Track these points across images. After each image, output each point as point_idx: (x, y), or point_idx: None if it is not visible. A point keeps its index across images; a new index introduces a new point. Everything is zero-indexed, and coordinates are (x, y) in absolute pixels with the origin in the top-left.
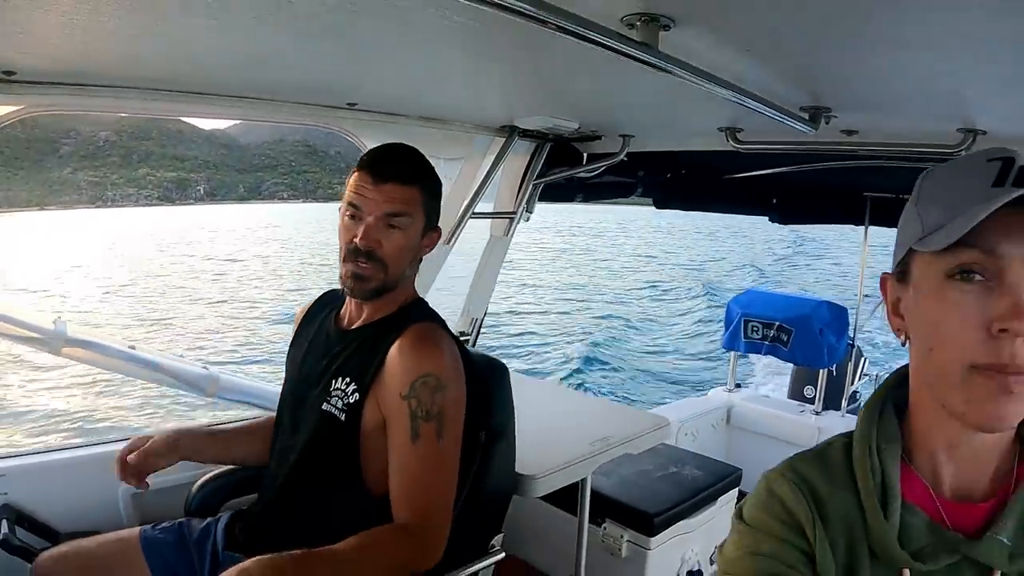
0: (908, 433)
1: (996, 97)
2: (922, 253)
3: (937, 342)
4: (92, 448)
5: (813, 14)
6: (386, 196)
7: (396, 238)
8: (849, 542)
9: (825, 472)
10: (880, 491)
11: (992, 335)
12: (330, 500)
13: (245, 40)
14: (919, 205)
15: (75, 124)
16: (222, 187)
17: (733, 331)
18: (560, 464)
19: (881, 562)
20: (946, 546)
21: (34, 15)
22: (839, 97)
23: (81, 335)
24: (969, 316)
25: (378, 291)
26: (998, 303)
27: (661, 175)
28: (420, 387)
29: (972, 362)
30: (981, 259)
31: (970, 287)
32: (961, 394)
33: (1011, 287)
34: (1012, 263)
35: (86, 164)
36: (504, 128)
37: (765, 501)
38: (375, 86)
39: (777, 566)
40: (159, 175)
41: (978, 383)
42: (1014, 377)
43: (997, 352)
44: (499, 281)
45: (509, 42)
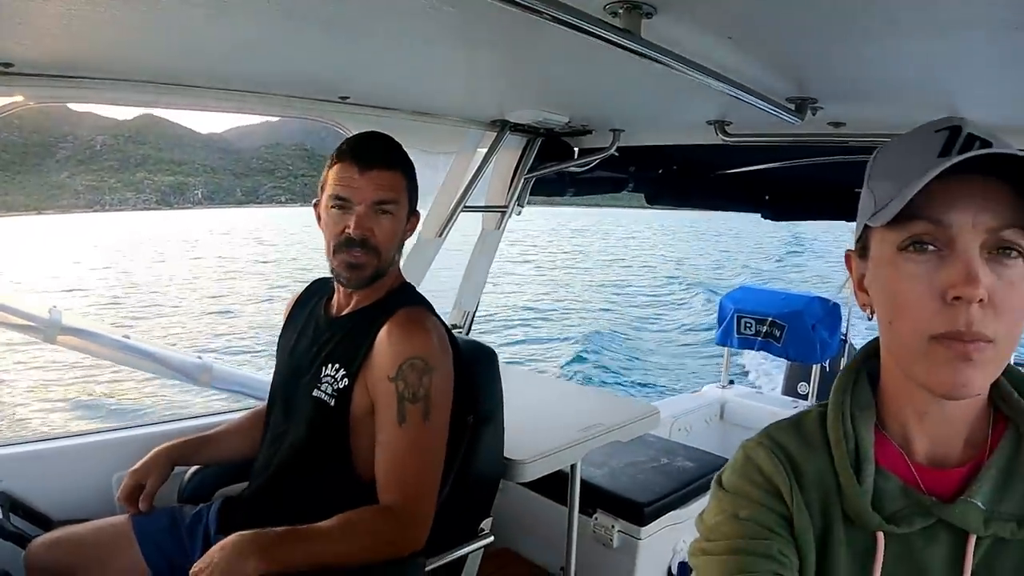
0: (881, 402)
1: (981, 84)
2: (877, 228)
3: (896, 314)
4: (85, 437)
5: (795, 2)
6: (374, 183)
7: (386, 224)
8: (825, 507)
9: (801, 439)
10: (854, 457)
11: (947, 303)
12: (320, 485)
13: (239, 31)
14: (871, 181)
15: (72, 128)
16: (220, 191)
17: (726, 327)
18: (549, 449)
19: (856, 526)
20: (920, 509)
21: (33, 6)
22: (824, 87)
23: (76, 324)
24: (923, 286)
25: (373, 278)
26: (950, 271)
27: (652, 171)
28: (407, 369)
29: (931, 332)
30: (931, 229)
31: (922, 258)
32: (923, 364)
33: (962, 254)
34: (961, 231)
35: (83, 168)
36: (495, 122)
37: (743, 468)
38: (367, 79)
39: (756, 529)
40: (157, 179)
41: (938, 352)
42: (972, 344)
43: (953, 320)
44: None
45: (497, 32)
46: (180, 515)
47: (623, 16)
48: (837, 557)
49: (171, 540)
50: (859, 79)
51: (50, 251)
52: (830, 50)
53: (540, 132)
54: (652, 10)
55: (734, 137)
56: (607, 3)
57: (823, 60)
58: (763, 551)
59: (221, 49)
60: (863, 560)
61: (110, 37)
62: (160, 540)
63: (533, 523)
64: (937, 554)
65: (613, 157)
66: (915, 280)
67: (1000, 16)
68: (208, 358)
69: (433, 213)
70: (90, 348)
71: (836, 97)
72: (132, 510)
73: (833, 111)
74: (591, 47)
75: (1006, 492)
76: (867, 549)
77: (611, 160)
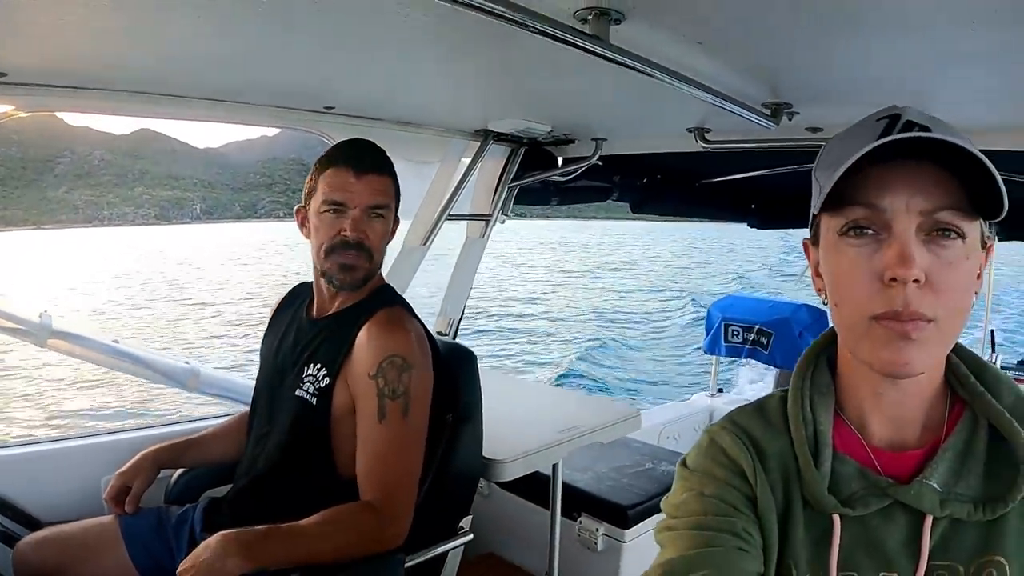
0: (839, 386)
1: (951, 83)
2: (822, 215)
3: (840, 297)
4: (74, 440)
5: (762, 6)
6: (370, 188)
7: (378, 227)
8: (786, 488)
9: (764, 422)
10: (812, 442)
11: (885, 284)
12: (303, 484)
13: (225, 42)
14: (817, 171)
15: (70, 143)
16: (218, 206)
17: (714, 335)
18: (529, 449)
19: (814, 510)
20: (876, 491)
21: (27, 15)
22: (798, 92)
23: (66, 328)
24: (862, 269)
25: (365, 280)
26: (886, 253)
27: (637, 179)
28: (387, 367)
29: (870, 313)
30: (868, 214)
31: (860, 241)
32: (866, 343)
33: (898, 237)
34: (897, 215)
35: (81, 183)
36: (479, 132)
37: (707, 450)
38: (352, 89)
39: (721, 506)
40: (155, 194)
41: (878, 332)
42: (911, 324)
43: (891, 300)
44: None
45: (477, 42)
46: (166, 515)
47: (592, 22)
48: (797, 538)
49: (157, 540)
50: (831, 83)
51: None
52: (800, 54)
53: (523, 141)
54: (620, 16)
55: (713, 144)
56: (576, 10)
57: (794, 64)
58: (728, 527)
59: (208, 60)
60: (821, 541)
61: (98, 47)
62: (146, 540)
63: (518, 528)
64: (894, 535)
65: (597, 166)
66: (854, 263)
67: (960, 11)
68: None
69: (418, 221)
70: (79, 352)
71: (810, 101)
72: (118, 511)
73: (809, 116)
74: (568, 55)
75: (962, 474)
76: (824, 531)
77: (596, 169)
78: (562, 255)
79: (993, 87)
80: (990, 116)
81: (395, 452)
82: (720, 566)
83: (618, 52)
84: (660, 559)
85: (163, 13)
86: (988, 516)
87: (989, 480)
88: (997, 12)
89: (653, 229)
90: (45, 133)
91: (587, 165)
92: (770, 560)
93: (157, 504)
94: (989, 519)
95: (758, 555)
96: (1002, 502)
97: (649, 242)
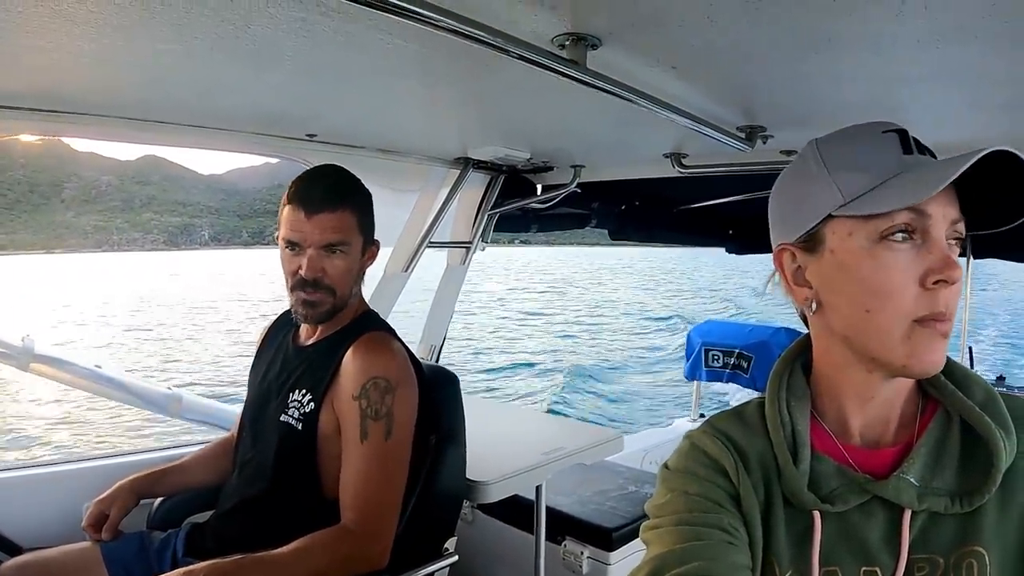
0: (816, 392)
1: (923, 108)
2: (840, 219)
3: (876, 304)
4: (56, 466)
5: (734, 32)
6: (320, 227)
7: (338, 263)
8: (767, 487)
9: (743, 426)
10: (791, 441)
11: (927, 288)
12: (289, 509)
13: (208, 68)
14: (831, 172)
15: (76, 168)
16: (226, 232)
17: (694, 361)
18: (512, 471)
19: (795, 507)
20: (854, 487)
21: (10, 37)
22: (771, 115)
23: (48, 352)
24: (906, 273)
25: (330, 313)
26: (929, 257)
27: (615, 206)
28: (371, 388)
29: (915, 316)
30: (914, 219)
31: (903, 246)
32: (905, 347)
33: (937, 242)
34: (936, 220)
35: (88, 208)
36: (458, 160)
37: (689, 452)
38: (333, 116)
39: (706, 503)
40: (163, 220)
41: (921, 334)
42: (947, 323)
43: (934, 303)
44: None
45: (456, 70)
46: (149, 540)
47: (569, 48)
48: (779, 536)
49: (139, 565)
50: (805, 105)
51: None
52: (774, 77)
53: (503, 169)
54: (597, 42)
55: (690, 169)
56: (555, 36)
57: (768, 88)
58: (715, 523)
59: (191, 87)
60: (803, 539)
61: (83, 70)
62: (128, 565)
63: (502, 553)
64: (874, 529)
65: (576, 193)
66: (897, 267)
67: (924, 30)
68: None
69: (399, 248)
70: (62, 377)
71: (784, 124)
72: (96, 537)
73: (783, 139)
74: (547, 82)
75: (937, 469)
76: (806, 528)
77: (575, 196)
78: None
79: (962, 104)
80: (960, 133)
81: (376, 473)
82: (711, 559)
83: (595, 77)
84: (649, 555)
85: (146, 41)
86: (965, 508)
87: (964, 473)
88: (959, 30)
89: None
90: (51, 158)
91: (566, 192)
92: (756, 557)
93: (139, 529)
94: (967, 511)
95: (746, 550)
96: (978, 494)
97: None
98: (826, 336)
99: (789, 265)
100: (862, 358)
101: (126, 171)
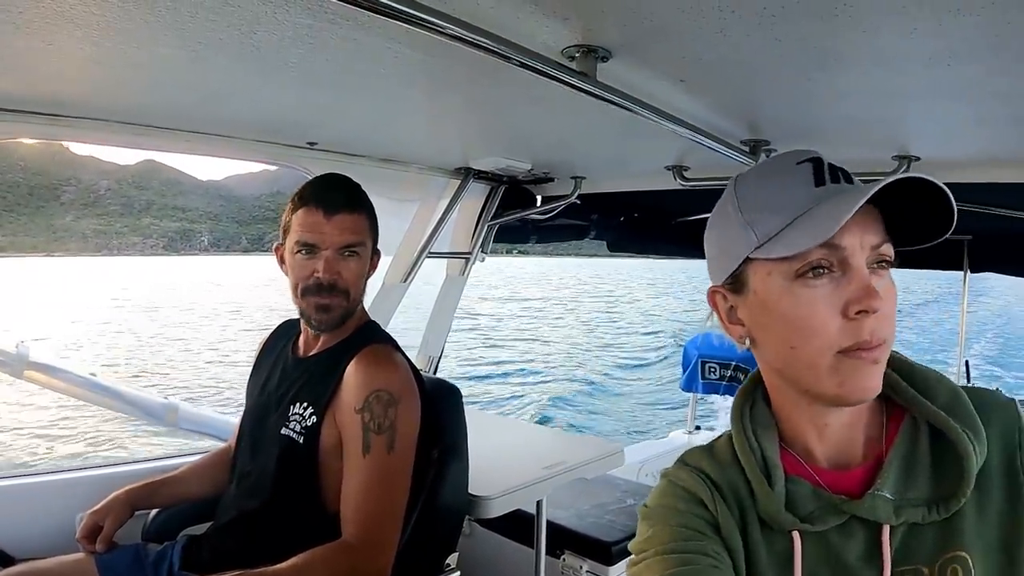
0: (778, 420)
1: (929, 123)
2: (759, 260)
3: (799, 339)
4: (50, 476)
5: (744, 47)
6: (340, 228)
7: (353, 266)
8: (743, 516)
9: (713, 459)
10: (763, 465)
11: (850, 318)
12: (288, 522)
13: (211, 75)
14: (745, 214)
15: (75, 172)
16: (225, 238)
17: (691, 373)
18: (514, 486)
19: (773, 530)
20: (831, 508)
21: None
22: (775, 129)
23: (43, 360)
24: (827, 307)
25: (343, 319)
26: (849, 289)
27: (614, 218)
28: (373, 401)
29: (839, 347)
30: (827, 254)
31: (821, 281)
32: (834, 378)
33: (856, 271)
34: (853, 251)
35: (88, 212)
36: (459, 170)
37: (666, 489)
38: (335, 125)
39: (689, 532)
40: (162, 225)
41: (848, 364)
42: (877, 349)
43: (858, 332)
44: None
45: (459, 79)
46: (144, 552)
47: (579, 60)
48: (760, 562)
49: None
50: (809, 120)
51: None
52: (779, 91)
53: (503, 180)
54: (607, 54)
55: (691, 182)
56: (565, 47)
57: (773, 102)
58: (698, 550)
59: (193, 93)
60: (784, 562)
61: (83, 77)
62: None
63: (501, 567)
64: (854, 549)
65: (575, 205)
66: (816, 303)
67: (932, 47)
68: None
69: (398, 258)
70: (56, 384)
71: (788, 138)
72: (90, 549)
73: None
74: (551, 93)
75: (911, 479)
76: (786, 550)
77: (574, 208)
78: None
79: (968, 119)
80: (967, 148)
81: (378, 486)
82: None
83: (604, 89)
84: None
85: (149, 46)
86: (943, 515)
87: (938, 480)
88: (971, 49)
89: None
90: (50, 161)
91: (566, 204)
92: None
93: (135, 541)
94: (945, 517)
95: (731, 574)
96: (954, 499)
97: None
98: (767, 370)
99: (723, 305)
100: (799, 390)
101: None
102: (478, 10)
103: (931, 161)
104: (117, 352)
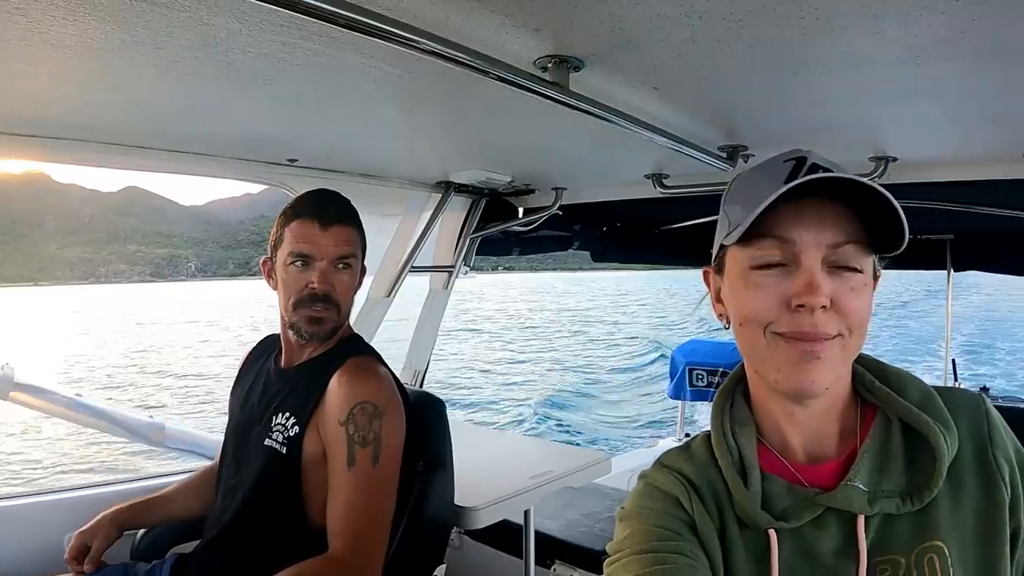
0: (757, 415)
1: (904, 124)
2: (731, 247)
3: (743, 318)
4: (38, 496)
5: (716, 53)
6: (335, 239)
7: (346, 278)
8: (720, 515)
9: (691, 460)
10: (739, 465)
11: (792, 310)
12: (274, 535)
13: (188, 93)
14: (725, 205)
15: (57, 199)
16: (212, 263)
17: (678, 381)
18: (501, 496)
19: (749, 528)
20: (806, 502)
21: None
22: (752, 134)
23: (29, 381)
24: (771, 295)
25: (333, 331)
26: (795, 282)
27: (597, 228)
28: (358, 413)
29: (773, 328)
30: (778, 247)
31: (771, 272)
32: (772, 363)
33: (806, 268)
34: (806, 248)
35: (73, 240)
36: (440, 184)
37: (643, 491)
38: (314, 141)
39: (665, 533)
40: (149, 251)
41: (784, 350)
42: (820, 344)
43: (798, 323)
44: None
45: (438, 93)
46: (133, 572)
47: (552, 70)
48: (738, 560)
49: None
50: (785, 124)
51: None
52: (754, 97)
53: (484, 192)
54: (580, 64)
55: (671, 189)
56: (537, 58)
57: (748, 107)
58: (675, 550)
59: (171, 111)
60: (761, 559)
61: (58, 97)
62: None
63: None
64: (830, 541)
65: (558, 216)
66: (764, 290)
67: (905, 47)
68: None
69: (381, 274)
70: (42, 405)
71: (765, 143)
72: (78, 570)
73: (764, 158)
74: (528, 104)
75: (884, 471)
76: (762, 547)
77: (556, 219)
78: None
79: (942, 119)
80: (943, 148)
81: (364, 500)
82: None
83: (578, 99)
84: None
85: (125, 65)
86: (917, 506)
87: (911, 472)
88: (939, 46)
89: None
90: (32, 188)
91: (548, 215)
92: None
93: (123, 560)
94: (919, 508)
95: (708, 574)
96: (927, 489)
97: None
98: (744, 358)
99: (714, 285)
100: (760, 375)
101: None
102: (449, 23)
103: (908, 161)
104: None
